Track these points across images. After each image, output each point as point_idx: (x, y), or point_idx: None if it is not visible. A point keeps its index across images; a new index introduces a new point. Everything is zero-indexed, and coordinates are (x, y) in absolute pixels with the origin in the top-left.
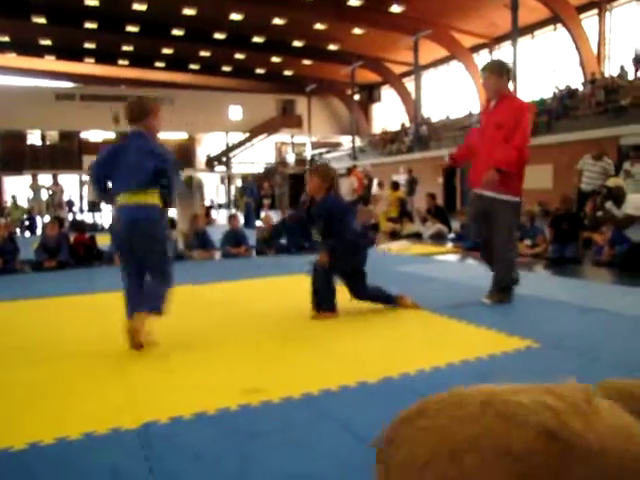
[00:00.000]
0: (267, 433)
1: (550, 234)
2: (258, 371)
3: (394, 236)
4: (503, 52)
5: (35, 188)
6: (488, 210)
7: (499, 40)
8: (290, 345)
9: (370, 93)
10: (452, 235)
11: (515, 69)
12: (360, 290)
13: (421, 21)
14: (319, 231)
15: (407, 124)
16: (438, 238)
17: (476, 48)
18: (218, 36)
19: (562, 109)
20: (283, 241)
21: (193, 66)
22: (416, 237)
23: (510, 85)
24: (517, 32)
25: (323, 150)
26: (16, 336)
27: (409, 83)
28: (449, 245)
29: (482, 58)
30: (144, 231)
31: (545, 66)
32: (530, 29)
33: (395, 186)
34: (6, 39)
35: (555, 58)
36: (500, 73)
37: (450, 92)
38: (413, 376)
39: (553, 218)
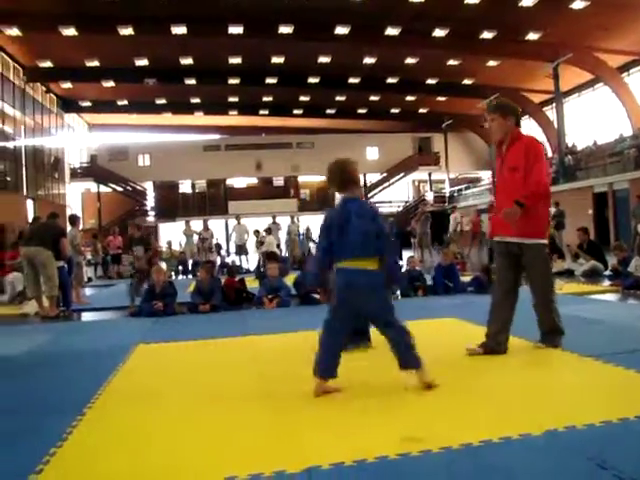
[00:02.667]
0: None
1: None
2: (416, 419)
3: None
4: None
5: (188, 234)
6: (515, 257)
7: None
8: (444, 391)
9: None
10: (608, 272)
11: None
12: None
13: (560, 46)
14: None
15: (550, 154)
16: (592, 275)
17: (626, 67)
18: (352, 80)
19: None
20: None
21: (329, 111)
22: (567, 274)
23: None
24: None
25: (462, 186)
26: (177, 376)
27: (550, 112)
28: (606, 283)
29: (633, 77)
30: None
31: None
32: None
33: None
34: (163, 101)
35: None
36: (504, 114)
37: (596, 117)
38: (581, 430)
39: None
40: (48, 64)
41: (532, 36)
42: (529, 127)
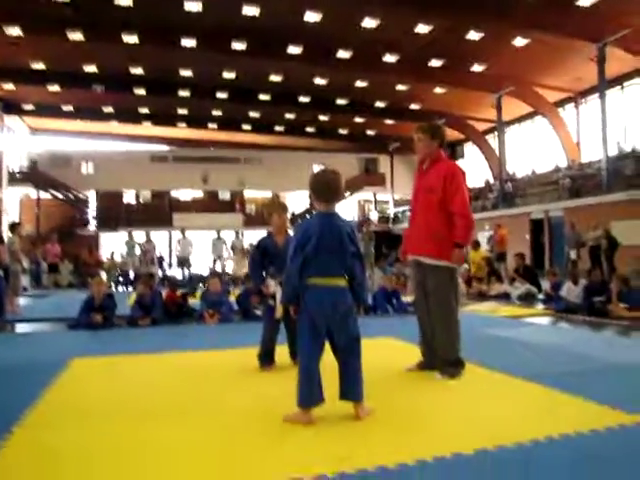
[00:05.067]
0: None
1: None
2: (352, 439)
3: (482, 296)
4: (590, 106)
5: (130, 245)
6: (424, 278)
7: (585, 93)
8: (383, 409)
9: (453, 150)
10: (542, 296)
11: (605, 120)
12: None
13: (503, 78)
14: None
15: (491, 180)
16: (527, 299)
17: (561, 102)
18: (303, 99)
19: None
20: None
21: (278, 128)
22: (504, 298)
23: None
24: (604, 84)
25: (406, 207)
26: (114, 393)
27: (492, 140)
28: (539, 307)
29: (568, 112)
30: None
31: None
32: (618, 80)
33: (475, 245)
34: (110, 109)
35: None
36: (432, 136)
37: (535, 147)
38: (511, 449)
39: None
40: None
41: (477, 68)
42: (472, 153)
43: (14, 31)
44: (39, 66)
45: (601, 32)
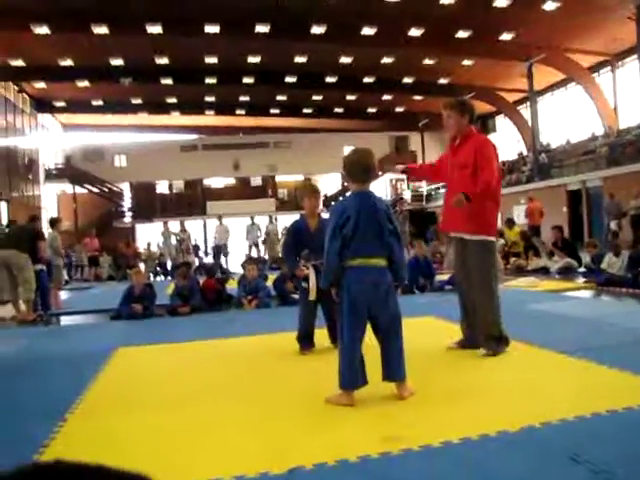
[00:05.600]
0: None
1: None
2: (396, 418)
3: (520, 271)
4: (628, 68)
5: (166, 235)
6: (464, 255)
7: (622, 55)
8: (425, 388)
9: (484, 124)
10: (582, 269)
11: None
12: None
13: (533, 46)
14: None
15: (525, 153)
16: (567, 273)
17: (596, 67)
18: (329, 80)
19: None
20: None
21: (307, 110)
22: (543, 272)
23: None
24: None
25: (439, 184)
26: (158, 379)
27: (524, 110)
28: (580, 280)
29: (603, 77)
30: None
31: None
32: None
33: (510, 224)
34: (139, 101)
35: None
36: (461, 112)
37: (569, 116)
38: (556, 426)
39: None
40: (20, 63)
41: (506, 36)
42: (504, 125)
43: (42, 30)
44: (67, 63)
45: None
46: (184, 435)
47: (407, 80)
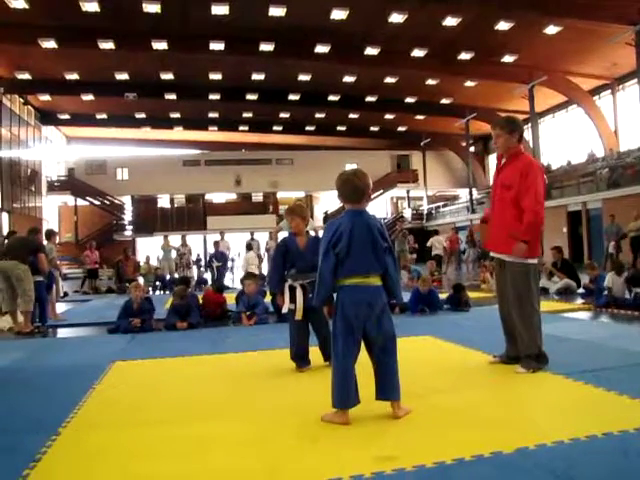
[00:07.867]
0: None
1: None
2: (389, 438)
3: None
4: (628, 92)
5: (166, 249)
6: (504, 274)
7: (622, 79)
8: (421, 407)
9: (485, 144)
10: (581, 290)
11: None
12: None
13: (534, 68)
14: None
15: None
16: (566, 294)
17: (597, 90)
18: (332, 98)
19: None
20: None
21: (309, 127)
22: (542, 292)
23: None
24: None
25: (440, 204)
26: (154, 395)
27: (525, 132)
28: (579, 301)
29: (604, 100)
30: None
31: None
32: None
33: None
34: (143, 115)
35: None
36: (511, 130)
37: (570, 137)
38: (550, 447)
39: None
40: (26, 76)
41: (508, 59)
42: None
43: (49, 44)
44: (73, 76)
45: (638, 13)
46: (176, 452)
47: (409, 100)
